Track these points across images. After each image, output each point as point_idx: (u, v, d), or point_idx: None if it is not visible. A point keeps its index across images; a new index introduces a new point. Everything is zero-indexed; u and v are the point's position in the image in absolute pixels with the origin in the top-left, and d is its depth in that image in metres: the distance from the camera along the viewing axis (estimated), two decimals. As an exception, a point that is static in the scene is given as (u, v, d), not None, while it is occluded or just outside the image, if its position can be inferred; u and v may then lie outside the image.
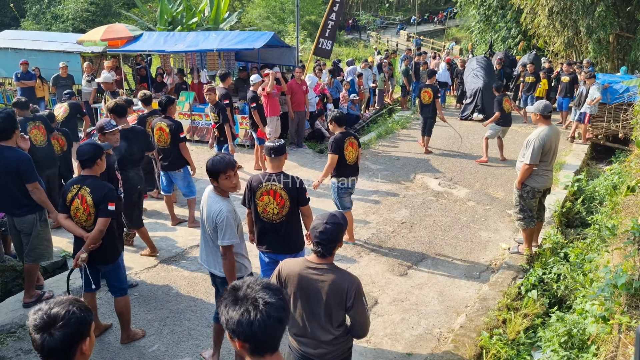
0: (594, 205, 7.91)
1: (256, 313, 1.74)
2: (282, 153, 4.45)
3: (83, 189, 4.28)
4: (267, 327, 1.74)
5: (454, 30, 43.68)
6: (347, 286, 2.93)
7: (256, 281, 1.85)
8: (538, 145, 5.95)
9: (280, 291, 1.85)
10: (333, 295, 2.92)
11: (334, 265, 3.02)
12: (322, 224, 2.93)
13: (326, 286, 2.93)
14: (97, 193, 4.26)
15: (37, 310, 1.93)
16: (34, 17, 28.68)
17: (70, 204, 4.33)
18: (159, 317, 5.22)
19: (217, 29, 21.34)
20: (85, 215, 4.31)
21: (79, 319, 1.94)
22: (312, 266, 2.97)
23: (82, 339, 1.96)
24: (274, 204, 4.37)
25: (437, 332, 5.10)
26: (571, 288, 5.40)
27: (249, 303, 1.76)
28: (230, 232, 3.80)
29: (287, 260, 3.13)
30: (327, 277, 2.94)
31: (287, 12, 34.82)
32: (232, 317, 1.76)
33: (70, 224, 4.37)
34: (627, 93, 11.71)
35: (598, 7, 16.58)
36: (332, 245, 2.95)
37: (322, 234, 2.91)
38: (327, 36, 12.20)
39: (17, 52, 14.39)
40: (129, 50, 13.62)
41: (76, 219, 4.36)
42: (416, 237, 7.28)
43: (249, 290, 1.80)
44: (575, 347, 4.32)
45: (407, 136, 13.31)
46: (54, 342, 1.88)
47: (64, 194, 4.37)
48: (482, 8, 26.34)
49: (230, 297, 1.81)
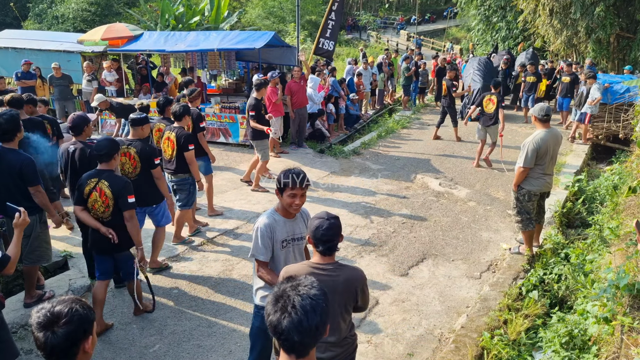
0: (594, 206, 7.90)
1: (290, 313, 1.82)
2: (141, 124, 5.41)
3: (101, 182, 4.53)
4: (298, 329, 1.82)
5: (454, 30, 43.69)
6: (358, 280, 2.99)
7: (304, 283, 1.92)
8: (532, 149, 5.94)
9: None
10: (347, 293, 2.94)
11: (339, 263, 3.02)
12: (326, 220, 2.91)
13: (340, 285, 2.91)
14: (116, 186, 4.53)
15: (40, 309, 1.94)
16: (36, 17, 28.67)
17: (88, 197, 4.56)
18: (160, 317, 5.22)
19: (217, 29, 21.35)
20: (104, 207, 4.55)
21: (82, 317, 1.96)
22: (321, 267, 2.93)
23: (84, 337, 1.98)
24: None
25: (438, 332, 5.10)
26: (572, 289, 5.40)
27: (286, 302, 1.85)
28: (257, 246, 3.48)
29: (288, 267, 3.08)
30: (339, 276, 2.93)
31: (286, 11, 34.80)
32: (268, 312, 1.86)
33: (86, 216, 4.62)
34: (627, 93, 11.71)
35: (598, 7, 16.58)
36: (337, 241, 2.95)
37: (329, 230, 2.88)
38: (329, 36, 12.18)
39: (18, 52, 14.38)
40: (129, 49, 13.60)
41: (93, 211, 4.59)
42: (417, 237, 7.28)
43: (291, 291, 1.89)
44: (576, 347, 4.32)
45: (408, 136, 13.31)
46: (57, 339, 1.89)
47: (81, 187, 4.60)
48: (482, 8, 26.35)
49: (272, 296, 1.91)
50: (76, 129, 5.39)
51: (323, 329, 1.87)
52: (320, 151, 11.48)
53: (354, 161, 10.97)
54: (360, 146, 12.05)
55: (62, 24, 26.93)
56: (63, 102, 12.97)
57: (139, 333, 4.96)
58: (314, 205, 8.22)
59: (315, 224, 2.93)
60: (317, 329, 1.83)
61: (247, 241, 4.01)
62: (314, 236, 2.92)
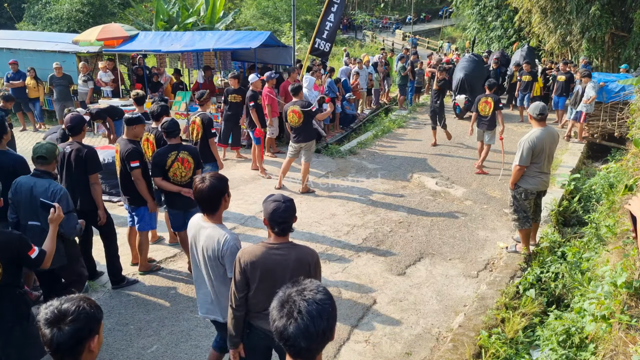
0: (590, 204, 7.93)
1: (296, 318, 1.78)
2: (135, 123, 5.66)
3: (182, 152, 5.52)
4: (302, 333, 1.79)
5: (450, 29, 43.75)
6: (309, 259, 3.09)
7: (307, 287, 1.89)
8: (528, 147, 5.96)
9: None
10: (299, 271, 3.01)
11: (293, 243, 3.15)
12: (282, 203, 3.05)
13: (291, 263, 3.05)
14: (194, 155, 5.64)
15: (49, 305, 1.98)
16: (31, 18, 28.50)
17: (170, 167, 5.49)
18: (158, 317, 5.21)
19: (213, 29, 21.29)
20: (186, 171, 5.57)
21: (89, 315, 1.99)
22: (275, 247, 3.07)
23: (90, 336, 2.00)
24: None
25: (435, 331, 5.11)
26: (569, 287, 5.41)
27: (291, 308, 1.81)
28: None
29: (244, 248, 3.17)
30: (292, 254, 3.07)
31: (281, 10, 34.76)
32: (273, 318, 1.83)
33: (166, 184, 5.54)
34: (623, 92, 11.76)
35: (593, 6, 16.64)
36: (292, 221, 3.11)
37: (285, 213, 3.03)
38: (325, 37, 12.17)
39: (12, 52, 14.31)
40: (125, 50, 13.57)
41: (174, 179, 5.54)
42: (414, 236, 7.28)
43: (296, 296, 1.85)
44: (573, 345, 4.33)
45: (404, 135, 13.32)
46: (62, 337, 1.92)
47: (163, 160, 5.48)
48: (477, 8, 26.40)
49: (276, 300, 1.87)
50: (74, 129, 5.39)
51: (330, 333, 1.84)
52: (316, 151, 11.45)
53: (351, 161, 10.98)
54: (356, 146, 12.06)
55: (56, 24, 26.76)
56: (63, 102, 12.91)
57: (136, 334, 4.94)
58: (310, 205, 8.22)
59: (271, 207, 3.05)
60: (324, 334, 1.80)
61: (244, 241, 4.00)
62: (270, 218, 3.05)
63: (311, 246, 3.63)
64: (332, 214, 7.92)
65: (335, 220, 7.73)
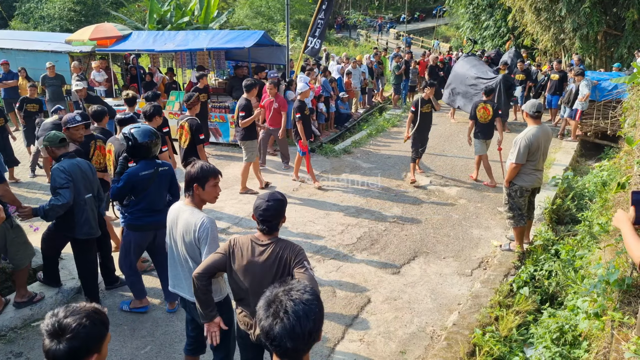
0: (584, 202, 7.96)
1: (282, 319, 1.77)
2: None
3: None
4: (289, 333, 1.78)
5: (444, 28, 43.82)
6: (289, 254, 3.07)
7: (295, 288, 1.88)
8: (524, 145, 5.99)
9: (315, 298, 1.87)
10: (279, 266, 3.05)
11: (278, 239, 3.15)
12: (265, 202, 3.08)
13: (272, 259, 3.07)
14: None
15: (52, 315, 1.90)
16: (23, 17, 28.34)
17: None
18: (151, 318, 5.19)
19: (206, 28, 21.25)
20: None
21: (88, 335, 1.88)
22: (259, 242, 3.12)
23: (87, 355, 1.90)
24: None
25: (430, 330, 5.11)
26: (562, 285, 5.43)
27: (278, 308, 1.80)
28: (217, 245, 3.44)
29: (239, 236, 3.23)
30: (273, 251, 3.08)
31: (274, 10, 34.72)
32: (260, 318, 1.82)
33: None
34: (615, 90, 11.81)
35: (584, 4, 16.73)
36: (276, 221, 3.12)
37: (266, 211, 3.06)
38: (317, 35, 12.17)
39: (5, 52, 14.22)
40: (118, 49, 13.51)
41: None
42: (408, 235, 7.29)
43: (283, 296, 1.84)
44: (567, 343, 4.34)
45: (399, 135, 13.32)
46: (59, 352, 1.85)
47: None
48: (471, 7, 26.47)
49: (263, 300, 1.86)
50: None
51: (316, 334, 1.82)
52: (311, 150, 11.44)
53: (345, 160, 10.98)
54: (350, 145, 12.06)
55: (48, 23, 26.63)
56: (56, 102, 12.81)
57: (130, 334, 4.92)
58: (305, 204, 8.21)
59: (256, 203, 3.12)
60: (311, 334, 1.79)
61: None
62: (256, 215, 3.12)
63: (305, 245, 3.64)
64: (326, 213, 7.91)
65: (329, 219, 7.72)
